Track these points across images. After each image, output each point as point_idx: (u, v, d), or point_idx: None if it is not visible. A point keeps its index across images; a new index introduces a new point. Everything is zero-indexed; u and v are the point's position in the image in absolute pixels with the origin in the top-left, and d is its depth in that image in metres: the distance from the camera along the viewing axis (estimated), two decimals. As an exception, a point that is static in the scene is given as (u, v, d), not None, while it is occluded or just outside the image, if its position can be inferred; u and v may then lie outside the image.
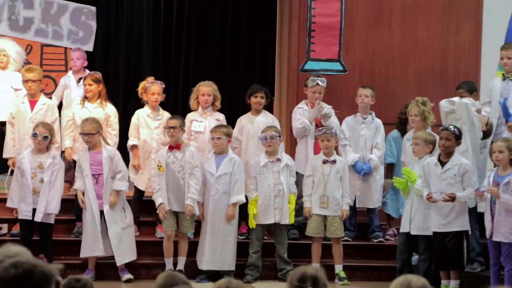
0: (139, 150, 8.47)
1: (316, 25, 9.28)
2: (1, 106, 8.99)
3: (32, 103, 8.48)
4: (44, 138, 7.86)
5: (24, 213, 7.81)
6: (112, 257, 7.94)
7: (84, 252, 7.89)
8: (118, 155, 8.05)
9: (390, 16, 9.78)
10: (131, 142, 8.48)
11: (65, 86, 9.26)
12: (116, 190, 7.89)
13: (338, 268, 8.10)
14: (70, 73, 9.46)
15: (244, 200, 8.09)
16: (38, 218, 7.79)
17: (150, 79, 8.64)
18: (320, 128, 8.33)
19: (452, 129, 7.42)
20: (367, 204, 8.71)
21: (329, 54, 9.30)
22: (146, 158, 8.40)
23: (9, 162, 8.48)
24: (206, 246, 7.94)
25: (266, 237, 8.33)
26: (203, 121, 8.51)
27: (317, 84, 8.64)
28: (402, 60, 9.78)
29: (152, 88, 8.50)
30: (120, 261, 7.89)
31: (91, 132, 7.89)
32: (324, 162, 8.17)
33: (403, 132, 8.66)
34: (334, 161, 8.19)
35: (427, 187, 7.39)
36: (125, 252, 7.93)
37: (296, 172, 8.34)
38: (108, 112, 8.50)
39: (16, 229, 8.30)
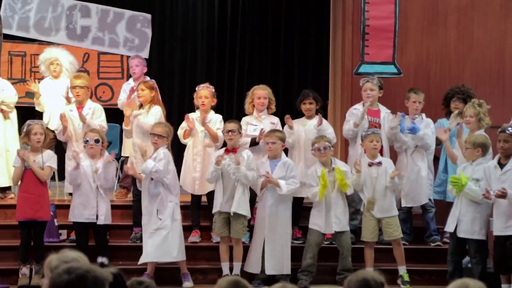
0: (188, 154, 8.52)
1: (370, 28, 9.24)
2: (55, 114, 9.15)
3: (80, 110, 8.60)
4: (95, 141, 7.96)
5: (87, 217, 7.88)
6: (172, 262, 7.99)
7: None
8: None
9: (445, 17, 9.67)
10: (179, 132, 8.51)
11: (126, 92, 9.38)
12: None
13: (402, 270, 8.04)
14: (131, 80, 9.59)
15: (293, 194, 8.05)
16: (101, 221, 7.90)
17: (205, 84, 8.69)
18: (368, 129, 8.26)
19: (511, 130, 7.33)
20: (415, 203, 8.60)
21: (383, 56, 9.25)
22: (194, 161, 8.43)
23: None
24: (265, 251, 7.92)
25: (326, 242, 8.29)
26: (258, 124, 8.54)
27: (367, 81, 8.61)
28: (458, 62, 9.65)
29: (200, 92, 8.53)
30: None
31: (162, 134, 7.93)
32: (370, 165, 8.10)
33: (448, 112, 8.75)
34: (379, 163, 8.12)
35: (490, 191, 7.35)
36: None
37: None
38: (151, 113, 8.54)
39: (74, 235, 8.43)
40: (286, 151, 8.42)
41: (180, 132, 8.51)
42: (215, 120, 8.48)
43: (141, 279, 3.62)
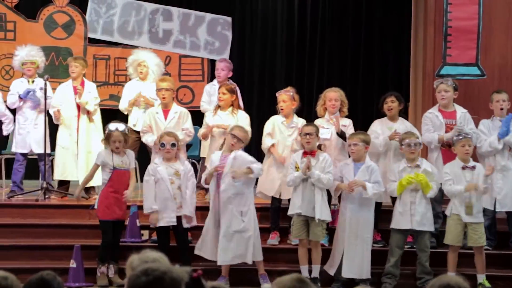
0: (272, 158, 8.50)
1: (453, 29, 9.11)
2: (141, 115, 9.31)
3: (165, 112, 8.70)
4: (172, 145, 8.03)
5: (168, 220, 7.97)
6: (246, 264, 8.03)
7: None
8: (243, 155, 8.00)
9: (531, 17, 9.45)
10: (268, 142, 8.50)
11: (210, 94, 9.49)
12: (250, 168, 7.85)
13: (482, 278, 7.86)
14: (215, 81, 9.68)
15: (377, 198, 7.98)
16: (186, 224, 8.01)
17: (288, 89, 8.67)
18: (460, 134, 8.11)
19: None
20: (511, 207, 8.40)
21: (466, 58, 9.10)
22: (278, 166, 8.45)
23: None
24: (344, 254, 7.88)
25: (408, 245, 8.19)
26: (329, 127, 8.46)
27: (441, 83, 8.46)
28: (545, 63, 9.41)
29: (279, 97, 8.55)
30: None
31: (241, 139, 7.93)
32: (464, 168, 7.95)
33: None
34: (473, 167, 7.97)
35: None
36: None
37: None
38: (239, 118, 8.63)
39: (156, 236, 8.54)
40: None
41: (267, 143, 8.49)
42: (296, 125, 8.47)
43: (217, 284, 3.61)
